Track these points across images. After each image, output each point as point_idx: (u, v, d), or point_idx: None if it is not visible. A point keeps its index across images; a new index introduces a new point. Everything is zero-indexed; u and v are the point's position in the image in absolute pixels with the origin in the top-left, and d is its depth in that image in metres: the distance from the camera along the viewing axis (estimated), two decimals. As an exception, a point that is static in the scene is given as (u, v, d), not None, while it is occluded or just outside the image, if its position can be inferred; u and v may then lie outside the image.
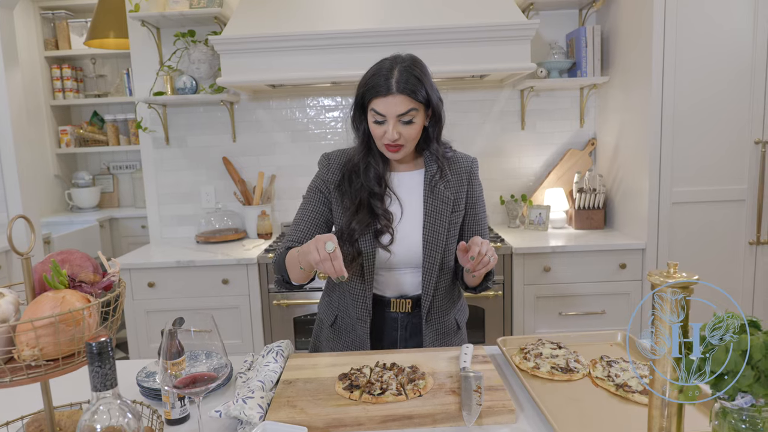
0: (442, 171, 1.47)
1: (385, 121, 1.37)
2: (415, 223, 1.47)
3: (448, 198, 1.47)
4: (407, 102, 1.35)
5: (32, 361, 0.77)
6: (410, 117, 1.36)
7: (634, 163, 2.62)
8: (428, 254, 1.45)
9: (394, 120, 1.36)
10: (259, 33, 2.52)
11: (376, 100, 1.36)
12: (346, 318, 1.53)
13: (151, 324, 2.64)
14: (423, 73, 1.38)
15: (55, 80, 4.29)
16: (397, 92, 1.34)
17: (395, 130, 1.36)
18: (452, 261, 1.51)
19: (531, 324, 2.61)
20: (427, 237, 1.45)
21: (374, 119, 1.38)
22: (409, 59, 1.39)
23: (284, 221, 3.15)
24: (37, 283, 0.86)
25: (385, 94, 1.34)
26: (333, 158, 1.52)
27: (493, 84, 3.04)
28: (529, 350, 1.30)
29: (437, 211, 1.46)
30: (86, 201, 4.28)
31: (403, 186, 1.50)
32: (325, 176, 1.51)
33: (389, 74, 1.35)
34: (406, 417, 1.04)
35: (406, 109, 1.35)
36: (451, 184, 1.48)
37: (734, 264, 2.49)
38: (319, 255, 1.19)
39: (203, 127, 3.10)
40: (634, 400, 1.08)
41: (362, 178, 1.45)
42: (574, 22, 2.97)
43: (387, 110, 1.35)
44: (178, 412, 1.10)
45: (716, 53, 2.36)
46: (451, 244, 1.49)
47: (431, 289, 1.46)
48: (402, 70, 1.35)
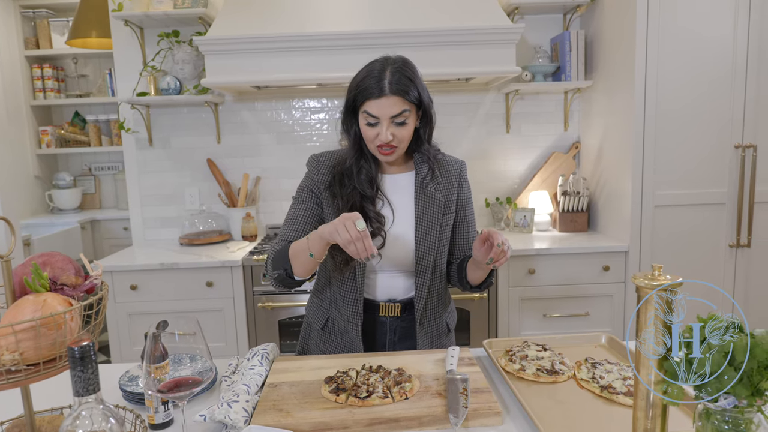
0: (432, 172, 1.47)
1: (378, 123, 1.36)
2: (407, 226, 1.46)
3: (439, 200, 1.46)
4: (400, 103, 1.34)
5: (12, 366, 0.75)
6: (403, 118, 1.36)
7: (617, 166, 2.65)
8: (421, 257, 1.44)
9: (388, 121, 1.35)
10: (245, 34, 2.51)
11: (369, 102, 1.34)
12: (339, 321, 1.51)
13: (133, 327, 2.60)
14: (414, 74, 1.37)
15: (36, 80, 4.22)
16: (390, 93, 1.33)
17: (388, 131, 1.35)
18: (444, 263, 1.51)
19: (516, 326, 2.63)
20: (419, 239, 1.44)
21: (367, 121, 1.37)
22: (399, 60, 1.38)
23: (269, 223, 3.13)
24: (18, 286, 0.85)
25: (378, 96, 1.33)
26: (322, 159, 1.50)
27: (478, 87, 3.05)
28: (514, 352, 1.31)
29: (429, 213, 1.45)
30: (67, 202, 4.21)
31: (394, 188, 1.49)
32: (315, 176, 1.48)
33: (381, 75, 1.33)
34: (392, 420, 1.04)
35: (400, 111, 1.34)
36: (442, 186, 1.48)
37: (715, 266, 2.53)
38: (350, 234, 1.16)
39: (187, 128, 3.07)
40: (618, 402, 1.09)
41: (354, 180, 1.43)
42: (558, 26, 3.00)
43: (380, 112, 1.34)
44: (162, 417, 1.08)
45: (698, 58, 2.40)
46: (443, 247, 1.48)
47: (424, 291, 1.46)
48: (394, 71, 1.34)
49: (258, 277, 2.55)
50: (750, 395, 0.76)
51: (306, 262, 1.30)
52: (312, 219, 1.47)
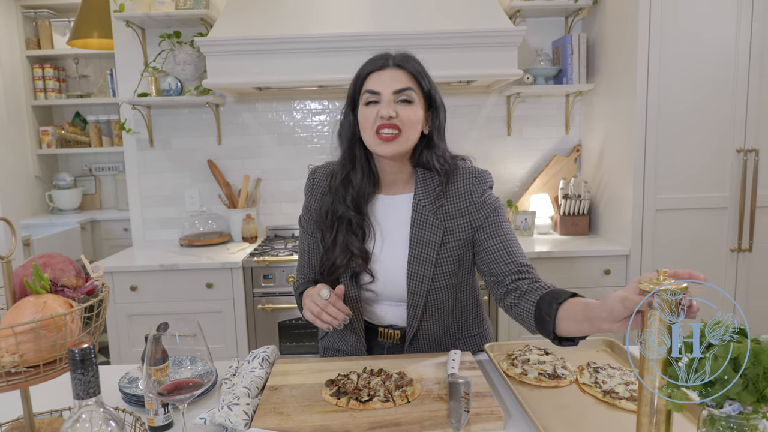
0: (436, 193, 1.32)
1: (378, 100, 1.24)
2: (400, 256, 1.34)
3: (436, 228, 1.31)
4: (405, 78, 1.24)
5: (12, 368, 0.75)
6: (408, 96, 1.23)
7: (618, 170, 2.64)
8: (413, 289, 1.33)
9: (390, 96, 1.23)
10: (246, 35, 2.51)
11: (371, 77, 1.25)
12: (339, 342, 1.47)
13: (133, 328, 2.60)
14: (422, 66, 1.30)
15: (37, 80, 4.22)
16: (394, 66, 1.25)
17: (390, 107, 1.22)
18: (443, 295, 1.36)
19: (516, 329, 2.62)
20: (411, 271, 1.32)
21: (367, 101, 1.25)
22: (403, 51, 1.31)
23: (269, 225, 3.13)
24: (18, 287, 0.84)
25: (381, 68, 1.25)
26: (317, 178, 1.42)
27: (479, 90, 3.05)
28: (516, 356, 1.30)
29: (423, 244, 1.31)
30: (67, 203, 4.21)
31: (390, 212, 1.37)
32: (309, 202, 1.43)
33: (386, 55, 1.27)
34: (393, 424, 1.03)
35: (403, 86, 1.23)
36: (444, 209, 1.32)
37: (716, 270, 2.52)
38: (317, 306, 1.15)
39: (188, 129, 3.07)
40: (621, 407, 1.08)
41: (340, 205, 1.32)
42: (560, 29, 3.00)
43: (382, 85, 1.23)
44: (162, 419, 1.08)
45: (699, 62, 2.39)
46: (441, 280, 1.34)
47: (415, 323, 1.36)
48: (400, 54, 1.28)
49: (258, 279, 2.55)
50: (755, 401, 0.75)
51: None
52: (317, 248, 1.42)
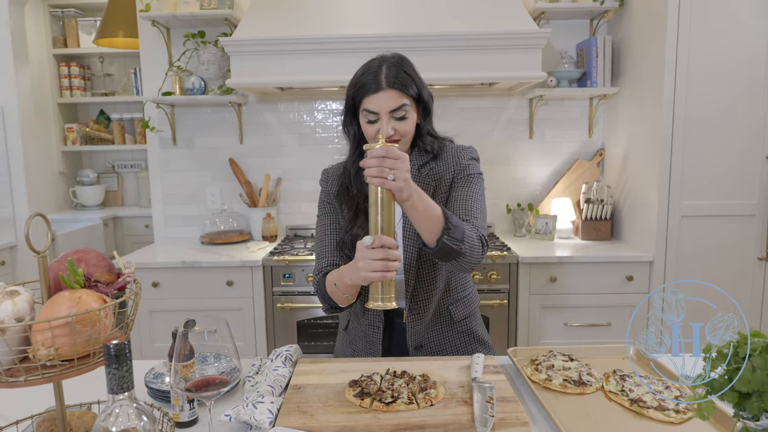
0: (429, 161, 1.46)
1: (378, 119, 1.35)
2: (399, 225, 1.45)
3: (428, 184, 1.44)
4: (399, 97, 1.33)
5: (47, 361, 0.76)
6: (403, 113, 1.35)
7: (642, 175, 2.61)
8: (407, 241, 1.44)
9: (387, 116, 1.34)
10: (270, 36, 2.52)
11: (368, 98, 1.34)
12: (357, 325, 1.52)
13: (154, 324, 2.62)
14: (411, 69, 1.38)
15: (63, 78, 4.29)
16: (388, 87, 1.32)
17: (389, 126, 1.34)
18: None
19: (536, 334, 2.60)
20: (406, 225, 1.44)
21: (367, 119, 1.36)
22: (396, 56, 1.39)
23: (289, 224, 3.14)
24: (53, 282, 0.85)
25: (375, 91, 1.32)
26: (331, 172, 1.55)
27: (501, 92, 3.03)
28: (540, 362, 1.29)
29: None
30: (91, 199, 4.27)
31: None
32: (327, 189, 1.53)
33: (378, 71, 1.34)
34: (417, 427, 1.03)
35: (399, 104, 1.33)
36: (434, 171, 1.46)
37: (742, 279, 2.47)
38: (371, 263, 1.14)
39: (210, 128, 3.09)
40: (648, 416, 1.07)
41: (354, 184, 1.43)
42: (585, 31, 2.97)
43: (379, 106, 1.33)
44: (187, 415, 1.09)
45: (728, 64, 2.35)
46: None
47: (412, 278, 1.44)
48: (390, 67, 1.35)
49: (277, 278, 2.56)
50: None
51: (342, 299, 1.35)
52: (338, 229, 1.49)
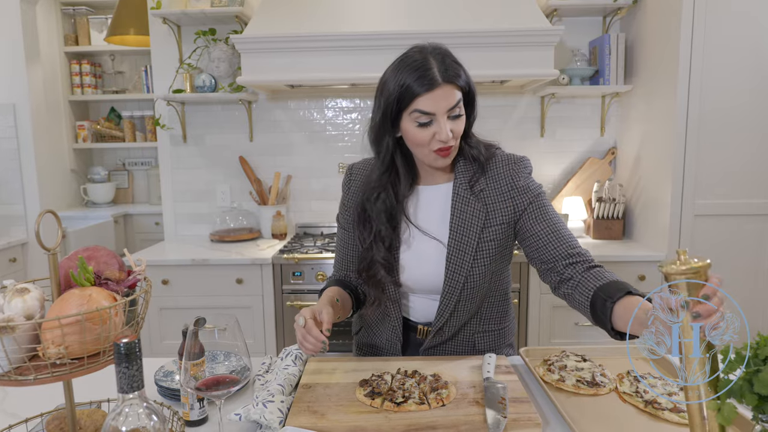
0: (477, 175, 1.31)
1: (432, 120, 1.19)
2: (440, 245, 1.32)
3: (478, 211, 1.29)
4: (455, 92, 1.19)
5: (57, 360, 0.75)
6: (459, 110, 1.21)
7: (655, 173, 2.58)
8: (450, 275, 1.30)
9: (444, 116, 1.19)
10: (281, 33, 2.52)
11: (420, 98, 1.18)
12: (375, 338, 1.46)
13: (164, 322, 2.63)
14: (455, 57, 1.24)
15: (74, 75, 4.31)
16: (444, 82, 1.17)
17: (448, 127, 1.19)
18: (480, 281, 1.32)
19: (546, 334, 2.58)
20: (451, 255, 1.29)
21: (418, 122, 1.20)
22: (437, 46, 1.23)
23: (299, 222, 3.14)
24: (63, 279, 0.85)
25: (430, 88, 1.17)
26: (356, 171, 1.43)
27: (513, 90, 3.01)
28: (553, 362, 1.27)
29: (465, 226, 1.29)
30: (101, 196, 4.29)
31: (431, 201, 1.35)
32: (348, 194, 1.43)
33: (427, 64, 1.18)
34: (429, 427, 1.02)
35: (456, 101, 1.19)
36: (486, 193, 1.30)
37: (757, 280, 2.44)
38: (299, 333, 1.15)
39: (221, 125, 3.10)
40: (663, 418, 1.05)
41: (373, 210, 1.31)
42: (597, 29, 2.94)
43: (436, 106, 1.18)
44: (197, 414, 1.08)
45: (744, 61, 2.31)
46: (480, 265, 1.30)
47: (446, 314, 1.33)
48: (438, 57, 1.19)
49: (287, 276, 2.56)
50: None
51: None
52: (353, 243, 1.42)
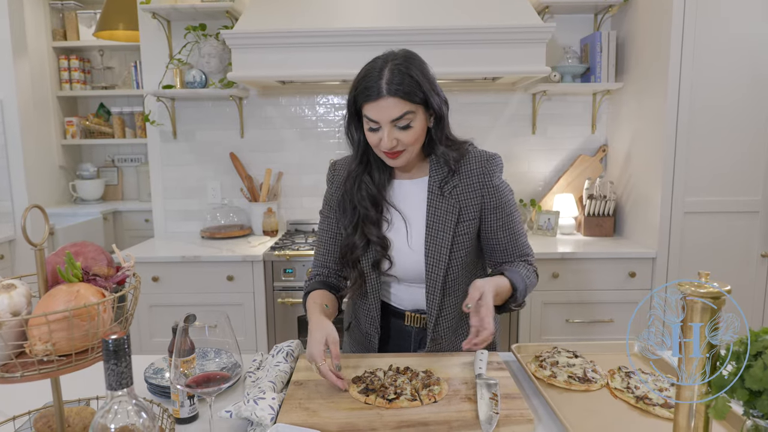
0: (449, 176, 1.34)
1: (379, 127, 1.24)
2: (419, 237, 1.36)
3: (452, 207, 1.33)
4: (400, 105, 1.20)
5: (44, 357, 0.74)
6: (406, 121, 1.22)
7: (646, 171, 2.59)
8: (430, 269, 1.35)
9: (389, 126, 1.22)
10: (272, 28, 2.50)
11: (368, 105, 1.22)
12: (357, 328, 1.50)
13: (154, 319, 2.61)
14: (419, 71, 1.23)
15: (63, 71, 4.27)
16: (388, 95, 1.20)
17: (391, 137, 1.23)
18: (460, 274, 1.38)
19: (537, 330, 2.58)
20: (429, 252, 1.34)
21: (368, 126, 1.26)
22: (402, 56, 1.25)
23: (290, 219, 3.13)
24: (50, 275, 0.84)
25: (375, 98, 1.20)
26: (338, 166, 1.45)
27: (504, 87, 3.01)
28: (544, 358, 1.27)
29: (440, 222, 1.33)
30: (90, 193, 4.25)
31: (407, 196, 1.39)
32: (332, 188, 1.45)
33: (380, 74, 1.21)
34: (421, 423, 1.01)
35: (400, 113, 1.21)
36: (458, 190, 1.34)
37: (745, 276, 2.46)
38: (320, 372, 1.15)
39: (211, 121, 3.07)
40: (654, 414, 1.05)
41: (356, 197, 1.36)
42: (588, 26, 2.95)
43: (379, 116, 1.21)
44: (187, 411, 1.07)
45: (735, 61, 2.33)
46: (457, 258, 1.36)
47: (435, 306, 1.37)
48: (393, 69, 1.21)
49: (278, 273, 2.55)
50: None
51: None
52: (336, 239, 1.45)
